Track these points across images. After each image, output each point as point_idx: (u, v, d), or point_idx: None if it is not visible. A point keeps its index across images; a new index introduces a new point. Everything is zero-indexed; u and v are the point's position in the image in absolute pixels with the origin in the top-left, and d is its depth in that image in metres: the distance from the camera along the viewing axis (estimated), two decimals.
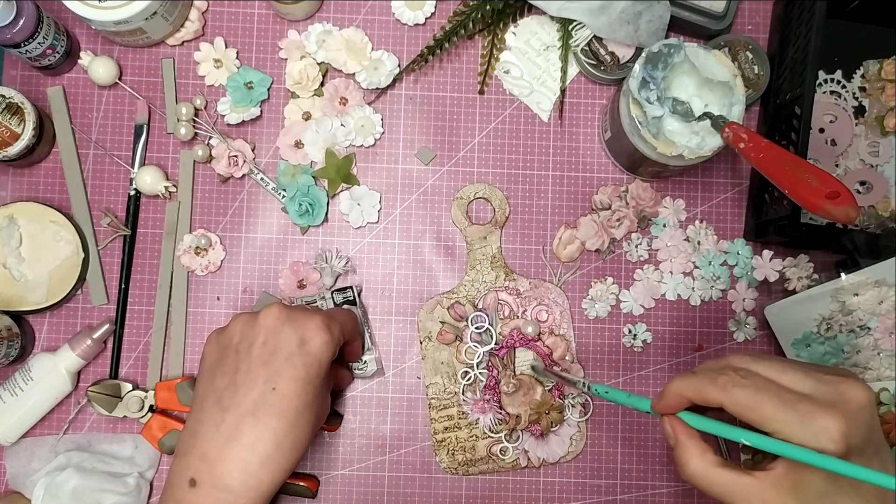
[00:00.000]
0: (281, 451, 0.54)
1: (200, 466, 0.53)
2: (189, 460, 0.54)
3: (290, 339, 0.55)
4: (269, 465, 0.53)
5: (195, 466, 0.53)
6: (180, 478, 0.54)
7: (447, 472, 0.71)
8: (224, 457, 0.53)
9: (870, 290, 0.69)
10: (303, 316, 0.57)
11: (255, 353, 0.55)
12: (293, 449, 0.55)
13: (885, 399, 0.69)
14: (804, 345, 0.70)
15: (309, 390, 0.55)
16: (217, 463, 0.53)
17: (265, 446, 0.53)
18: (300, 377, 0.55)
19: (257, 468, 0.53)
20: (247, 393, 0.54)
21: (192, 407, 0.57)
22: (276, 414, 0.53)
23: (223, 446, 0.53)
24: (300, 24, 0.73)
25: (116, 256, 0.71)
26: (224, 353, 0.57)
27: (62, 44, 0.68)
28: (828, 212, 0.51)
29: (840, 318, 0.70)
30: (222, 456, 0.53)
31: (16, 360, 0.68)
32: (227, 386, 0.55)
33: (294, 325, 0.56)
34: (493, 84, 0.74)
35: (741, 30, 0.74)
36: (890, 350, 0.70)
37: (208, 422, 0.54)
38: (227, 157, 0.70)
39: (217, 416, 0.54)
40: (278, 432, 0.53)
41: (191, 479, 0.53)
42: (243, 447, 0.53)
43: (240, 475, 0.53)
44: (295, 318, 0.56)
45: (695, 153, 0.62)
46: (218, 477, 0.53)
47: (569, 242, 0.72)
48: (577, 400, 0.71)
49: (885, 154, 0.73)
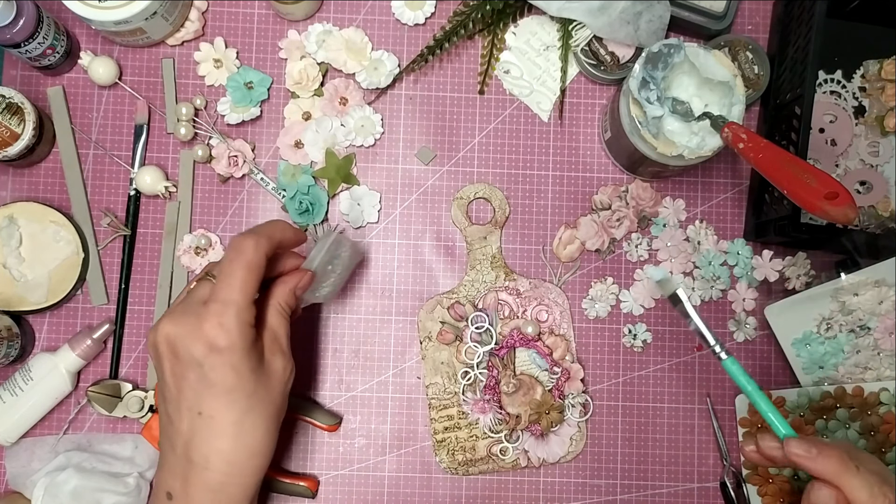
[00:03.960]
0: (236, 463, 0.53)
1: (173, 483, 0.54)
2: (162, 474, 0.55)
3: (190, 359, 0.51)
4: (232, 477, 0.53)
5: (168, 482, 0.55)
6: (160, 489, 0.55)
7: (447, 472, 0.71)
8: (187, 475, 0.53)
9: (870, 290, 0.69)
10: (190, 323, 0.51)
11: (169, 382, 0.53)
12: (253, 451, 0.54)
13: (885, 399, 0.69)
14: (804, 344, 0.70)
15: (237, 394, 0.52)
16: (185, 479, 0.53)
17: (219, 465, 0.53)
18: (220, 391, 0.52)
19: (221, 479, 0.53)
20: (180, 423, 0.53)
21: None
22: (216, 436, 0.53)
23: (185, 466, 0.54)
24: (300, 24, 0.73)
25: (116, 256, 0.71)
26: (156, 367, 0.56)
27: (62, 44, 0.68)
28: (826, 212, 0.51)
29: (840, 318, 0.70)
30: (186, 475, 0.54)
31: (16, 360, 0.68)
32: (164, 416, 0.55)
33: (186, 343, 0.51)
34: (493, 84, 0.74)
35: (741, 30, 0.74)
36: (890, 350, 0.70)
37: (165, 444, 0.55)
38: (227, 157, 0.70)
39: (166, 443, 0.55)
40: (223, 451, 0.53)
41: (167, 492, 0.54)
42: (199, 469, 0.53)
43: (204, 492, 0.53)
44: (183, 334, 0.51)
45: (695, 153, 0.62)
46: (188, 494, 0.53)
47: (569, 242, 0.72)
48: (577, 400, 0.71)
49: (885, 154, 0.73)
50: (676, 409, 0.72)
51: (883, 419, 0.69)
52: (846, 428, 0.69)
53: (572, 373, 0.71)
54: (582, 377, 0.71)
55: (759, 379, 0.73)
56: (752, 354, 0.73)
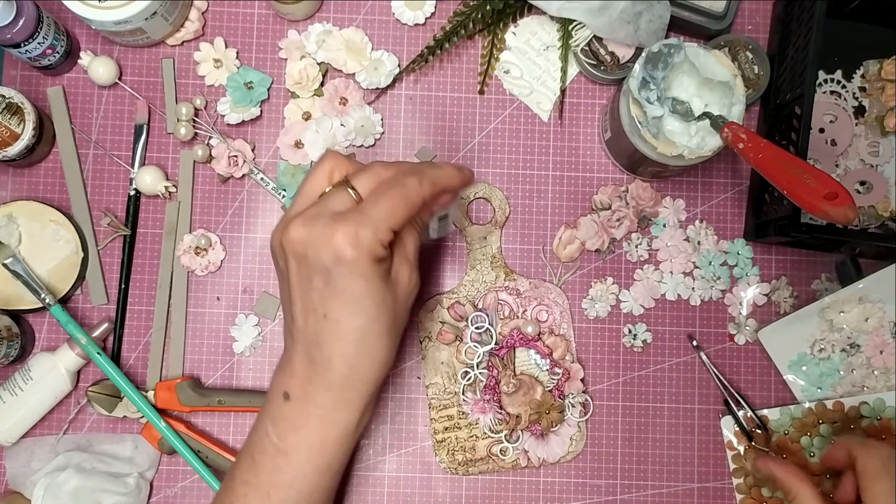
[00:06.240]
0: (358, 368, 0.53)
1: (291, 383, 0.54)
2: (282, 376, 0.55)
3: (318, 264, 0.50)
4: (352, 381, 0.53)
5: (287, 382, 0.54)
6: (277, 389, 0.55)
7: (447, 472, 0.71)
8: (308, 376, 0.53)
9: (855, 306, 0.70)
10: (323, 229, 0.50)
11: (293, 282, 0.52)
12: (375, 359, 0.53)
13: (866, 412, 0.70)
14: (799, 367, 0.71)
15: (365, 301, 0.51)
16: (305, 380, 0.53)
17: (341, 368, 0.52)
18: (348, 298, 0.50)
19: (342, 382, 0.53)
20: (304, 324, 0.53)
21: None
22: (340, 340, 0.52)
23: (306, 367, 0.53)
24: (300, 24, 0.73)
25: (116, 256, 0.71)
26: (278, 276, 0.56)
27: (62, 44, 0.68)
28: (826, 213, 0.51)
29: (830, 337, 0.71)
30: (307, 375, 0.53)
31: (16, 359, 0.68)
32: (287, 316, 0.55)
33: (316, 247, 0.50)
34: (493, 84, 0.74)
35: (741, 30, 0.74)
36: (882, 367, 0.70)
37: (288, 344, 0.55)
38: (227, 157, 0.70)
39: (289, 333, 0.55)
40: (347, 355, 0.52)
41: (284, 392, 0.54)
42: (321, 370, 0.53)
43: (323, 392, 0.53)
44: (315, 238, 0.50)
45: (695, 153, 0.62)
46: (307, 393, 0.53)
47: (569, 242, 0.72)
48: (577, 400, 0.71)
49: (885, 154, 0.73)
50: (676, 409, 0.72)
51: (866, 433, 0.69)
52: (831, 444, 0.69)
53: (572, 373, 0.71)
54: (582, 377, 0.71)
55: (757, 391, 0.73)
56: (752, 356, 0.73)
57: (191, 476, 0.70)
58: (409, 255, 0.54)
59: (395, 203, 0.51)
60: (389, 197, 0.51)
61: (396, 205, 0.51)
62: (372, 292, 0.51)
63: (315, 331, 0.52)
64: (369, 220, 0.49)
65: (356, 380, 0.53)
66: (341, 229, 0.49)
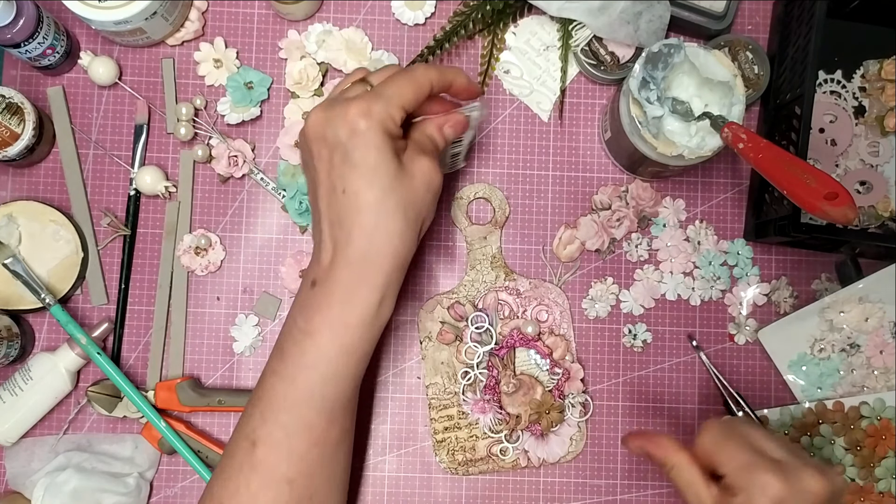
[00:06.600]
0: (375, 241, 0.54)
1: (318, 271, 0.56)
2: (310, 267, 0.58)
3: (335, 140, 0.54)
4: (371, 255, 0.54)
5: (315, 271, 0.57)
6: (307, 280, 0.57)
7: (447, 472, 0.71)
8: (332, 258, 0.55)
9: (854, 306, 0.70)
10: (338, 109, 0.54)
11: (317, 166, 0.56)
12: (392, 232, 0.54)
13: (866, 412, 0.70)
14: (800, 367, 0.71)
15: (379, 172, 0.53)
16: (330, 263, 0.55)
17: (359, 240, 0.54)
18: (363, 171, 0.53)
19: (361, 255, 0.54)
20: (327, 208, 0.55)
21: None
22: (357, 211, 0.54)
23: (330, 250, 0.55)
24: (300, 24, 0.73)
25: (116, 256, 0.71)
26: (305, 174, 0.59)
27: (62, 44, 0.68)
28: (826, 213, 0.51)
29: (830, 337, 0.70)
30: (330, 259, 0.55)
31: (16, 359, 0.68)
32: (314, 209, 0.57)
33: (333, 125, 0.54)
34: (493, 84, 0.74)
35: (741, 30, 0.74)
36: (882, 367, 0.70)
37: (315, 230, 0.58)
38: (227, 157, 0.70)
39: (317, 226, 0.57)
40: (364, 225, 0.54)
41: (312, 280, 0.56)
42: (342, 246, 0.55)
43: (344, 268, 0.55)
44: (332, 117, 0.54)
45: (695, 153, 0.62)
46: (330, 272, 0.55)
47: (569, 242, 0.72)
48: (576, 400, 0.71)
49: (885, 154, 0.73)
50: (676, 409, 0.72)
51: (866, 433, 0.69)
52: (831, 444, 0.69)
53: (572, 373, 0.71)
54: (582, 377, 0.71)
55: (757, 391, 0.73)
56: (752, 356, 0.73)
57: (191, 476, 0.70)
58: (426, 148, 0.57)
59: (404, 82, 0.56)
60: (398, 78, 0.56)
61: (404, 84, 0.55)
62: (385, 163, 0.53)
63: (337, 210, 0.55)
64: (380, 96, 0.54)
65: (374, 253, 0.54)
66: (355, 105, 0.53)
